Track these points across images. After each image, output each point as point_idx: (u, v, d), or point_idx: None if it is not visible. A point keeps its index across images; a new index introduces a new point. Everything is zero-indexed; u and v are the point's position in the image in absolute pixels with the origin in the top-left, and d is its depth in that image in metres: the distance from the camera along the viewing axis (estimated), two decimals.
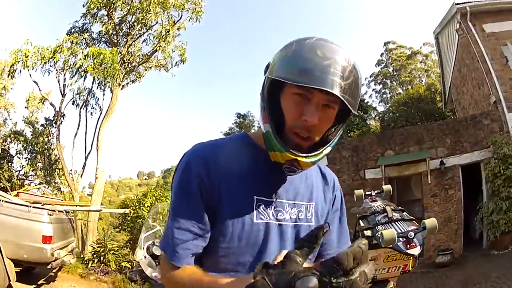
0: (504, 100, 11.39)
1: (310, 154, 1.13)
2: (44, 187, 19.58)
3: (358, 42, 64.82)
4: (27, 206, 6.82)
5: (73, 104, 17.34)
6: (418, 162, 11.61)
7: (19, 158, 20.18)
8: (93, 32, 17.05)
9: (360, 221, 3.29)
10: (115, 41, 16.53)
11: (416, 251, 2.74)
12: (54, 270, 8.38)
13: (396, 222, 3.01)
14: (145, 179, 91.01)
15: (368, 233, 3.05)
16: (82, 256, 11.69)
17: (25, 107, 22.03)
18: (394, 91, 33.36)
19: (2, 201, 6.80)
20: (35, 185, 19.47)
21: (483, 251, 10.31)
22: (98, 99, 17.69)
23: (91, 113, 17.70)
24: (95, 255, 11.22)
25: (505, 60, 12.07)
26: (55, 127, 18.34)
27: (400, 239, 2.76)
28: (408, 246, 2.76)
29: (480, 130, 11.39)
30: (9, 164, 19.36)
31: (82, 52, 15.23)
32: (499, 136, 10.76)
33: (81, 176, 17.54)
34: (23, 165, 20.16)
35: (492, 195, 10.30)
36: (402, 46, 34.96)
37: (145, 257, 6.51)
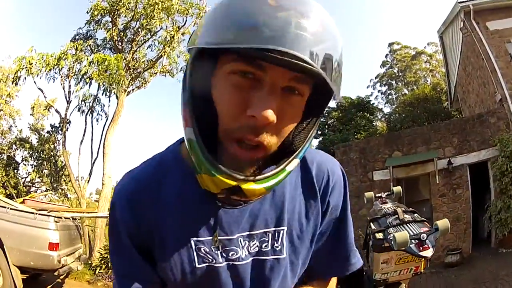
0: (509, 97, 11.28)
1: (262, 176, 0.72)
2: (51, 193, 19.70)
3: (362, 43, 64.72)
4: (33, 213, 6.80)
5: (78, 110, 17.42)
6: (426, 163, 11.53)
7: (25, 165, 20.33)
8: (97, 38, 17.14)
9: (371, 223, 3.23)
10: (120, 47, 16.57)
11: (429, 253, 2.69)
12: (62, 277, 8.37)
13: (408, 224, 2.96)
14: None
15: (379, 236, 2.99)
16: (89, 262, 11.69)
17: (31, 114, 22.20)
18: (400, 92, 33.25)
19: (8, 208, 6.79)
20: (42, 191, 19.58)
21: (492, 250, 10.22)
22: (104, 105, 17.77)
23: (97, 120, 17.78)
24: (102, 261, 11.20)
25: (509, 57, 11.98)
26: (61, 134, 18.44)
27: (413, 241, 2.72)
28: (421, 248, 2.71)
29: (486, 128, 11.29)
30: (15, 171, 19.49)
31: (87, 59, 15.26)
32: (505, 134, 10.67)
33: (87, 182, 17.58)
34: (29, 172, 20.29)
35: (500, 193, 10.21)
36: (406, 47, 34.85)
37: None
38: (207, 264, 0.86)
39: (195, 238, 0.85)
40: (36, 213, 6.80)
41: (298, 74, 0.66)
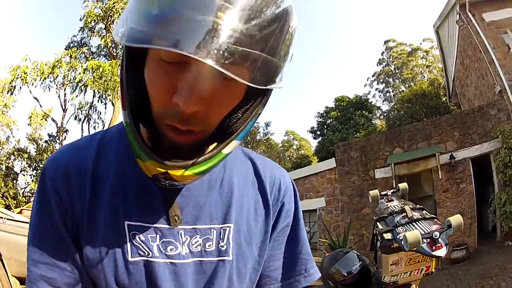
0: (509, 88, 11.16)
1: (192, 162, 0.65)
2: None
3: (358, 41, 64.89)
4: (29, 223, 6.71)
5: (75, 119, 17.38)
6: (428, 158, 11.43)
7: (24, 175, 20.22)
8: (91, 46, 17.09)
9: (378, 223, 3.09)
10: (115, 54, 16.51)
11: (442, 252, 2.55)
12: None
13: (417, 222, 2.82)
14: None
15: (388, 236, 2.85)
16: None
17: (28, 124, 22.17)
18: (397, 89, 33.25)
19: (4, 218, 6.71)
20: None
21: (497, 243, 10.15)
22: (100, 113, 17.74)
23: (94, 127, 17.70)
24: None
25: (507, 48, 11.93)
26: (58, 143, 18.37)
27: (425, 240, 2.58)
28: (434, 247, 2.57)
29: (487, 121, 11.19)
30: (14, 181, 19.40)
31: (81, 66, 15.20)
32: (507, 125, 10.56)
33: None
34: (28, 182, 20.18)
35: (504, 186, 10.09)
36: (402, 44, 34.86)
37: None
38: (140, 258, 0.74)
39: (129, 222, 0.75)
40: None
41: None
